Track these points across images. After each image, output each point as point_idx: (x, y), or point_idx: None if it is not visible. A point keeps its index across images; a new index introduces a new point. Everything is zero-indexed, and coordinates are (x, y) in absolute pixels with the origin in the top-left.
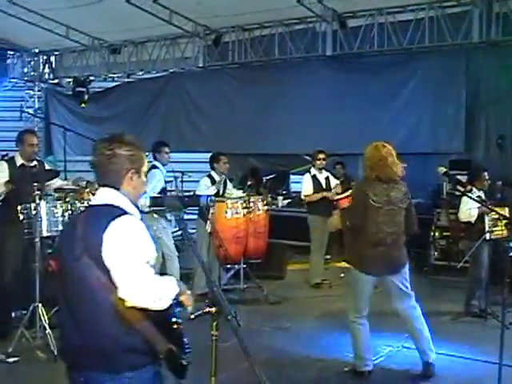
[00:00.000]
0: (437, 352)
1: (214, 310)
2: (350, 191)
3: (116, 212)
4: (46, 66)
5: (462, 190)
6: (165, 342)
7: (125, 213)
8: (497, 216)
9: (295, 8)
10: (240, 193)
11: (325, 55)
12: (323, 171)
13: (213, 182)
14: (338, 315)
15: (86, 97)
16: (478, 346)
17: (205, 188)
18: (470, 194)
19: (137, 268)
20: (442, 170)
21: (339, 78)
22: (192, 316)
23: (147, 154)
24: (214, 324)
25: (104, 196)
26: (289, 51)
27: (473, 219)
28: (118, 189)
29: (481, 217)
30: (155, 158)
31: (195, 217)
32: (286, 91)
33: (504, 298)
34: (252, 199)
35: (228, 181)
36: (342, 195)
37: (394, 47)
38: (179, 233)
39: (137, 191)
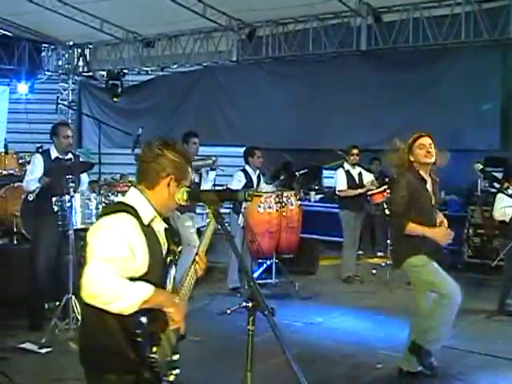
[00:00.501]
0: (471, 351)
1: (251, 304)
2: (384, 187)
3: (116, 208)
4: (80, 58)
5: (503, 188)
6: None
7: (125, 211)
8: None
9: (330, 2)
10: (271, 187)
11: (359, 50)
12: (356, 167)
13: (247, 176)
14: (369, 311)
15: (120, 90)
16: None
17: (238, 182)
18: (506, 191)
19: (93, 265)
20: (479, 166)
21: (374, 73)
22: (228, 311)
23: None
24: (251, 319)
25: (127, 195)
26: (323, 46)
27: (507, 218)
28: (151, 189)
29: None
30: None
31: (227, 210)
32: (320, 86)
33: None
34: (285, 194)
35: (261, 175)
36: (376, 190)
37: (429, 42)
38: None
39: (168, 201)
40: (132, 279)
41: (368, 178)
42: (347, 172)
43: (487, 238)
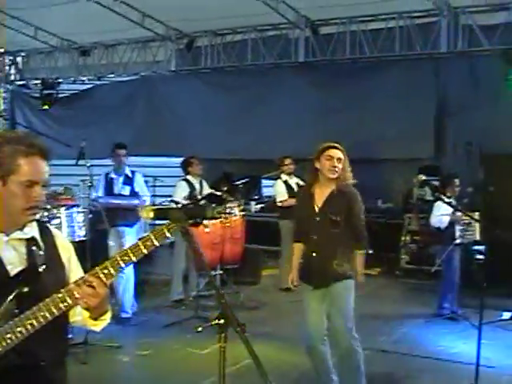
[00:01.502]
0: (413, 355)
1: (222, 321)
2: None
3: None
4: (12, 67)
5: (442, 197)
6: None
7: None
8: (467, 221)
9: (268, 14)
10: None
11: (297, 61)
12: (293, 176)
13: (190, 185)
14: None
15: (53, 99)
16: (452, 348)
17: (181, 192)
18: (447, 200)
19: None
20: (421, 177)
21: (311, 84)
22: (199, 328)
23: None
24: (223, 336)
25: None
26: (262, 57)
27: (443, 225)
28: None
29: (451, 222)
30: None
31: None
32: (258, 97)
33: (482, 299)
34: (228, 205)
35: (204, 181)
36: None
37: (365, 55)
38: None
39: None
40: None
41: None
42: (285, 182)
43: (424, 245)
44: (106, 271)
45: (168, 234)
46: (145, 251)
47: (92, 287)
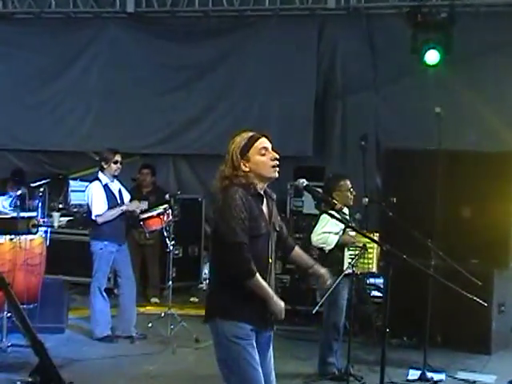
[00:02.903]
0: None
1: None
2: (163, 207)
3: None
4: None
5: (331, 211)
6: None
7: None
8: (361, 243)
9: None
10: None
11: (125, 12)
12: (115, 180)
13: None
14: (147, 381)
15: None
16: None
17: None
18: (334, 213)
19: None
20: (303, 182)
21: (144, 43)
22: None
23: None
24: None
25: None
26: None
27: (328, 247)
28: None
29: (340, 245)
30: None
31: None
32: (65, 59)
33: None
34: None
35: None
36: (150, 213)
37: (222, 7)
38: None
39: None
40: None
41: (127, 197)
42: (106, 187)
43: (300, 276)
44: None
45: None
46: None
47: None
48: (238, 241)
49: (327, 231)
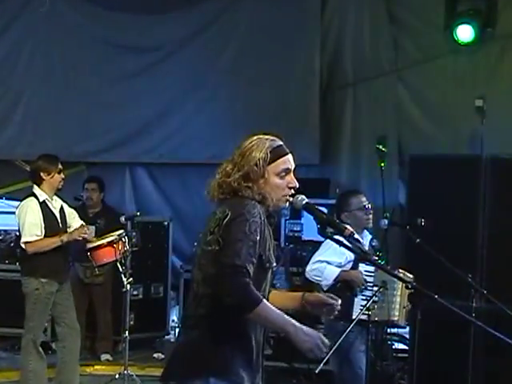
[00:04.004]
0: None
1: None
2: (117, 234)
3: None
4: None
5: (342, 233)
6: None
7: None
8: (378, 283)
9: None
10: None
11: None
12: (56, 197)
13: None
14: None
15: None
16: None
17: None
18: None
19: None
20: (303, 199)
21: (90, 18)
22: None
23: None
24: None
25: None
26: None
27: (325, 283)
28: None
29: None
30: None
31: None
32: None
33: None
34: None
35: None
36: (100, 242)
37: None
38: None
39: None
40: None
41: (72, 215)
42: (43, 205)
43: (300, 321)
44: None
45: None
46: None
47: None
48: (238, 264)
49: (325, 260)
